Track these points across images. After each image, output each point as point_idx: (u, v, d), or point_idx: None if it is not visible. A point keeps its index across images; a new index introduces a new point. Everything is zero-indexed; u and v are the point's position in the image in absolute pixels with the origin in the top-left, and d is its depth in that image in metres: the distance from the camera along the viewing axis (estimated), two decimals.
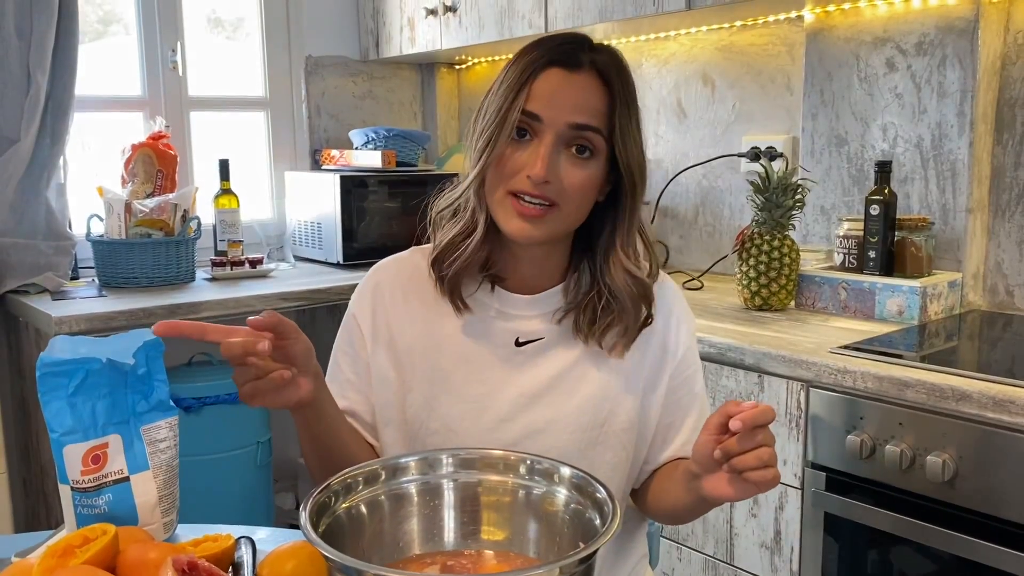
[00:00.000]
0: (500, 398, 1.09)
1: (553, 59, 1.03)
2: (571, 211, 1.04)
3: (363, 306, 1.15)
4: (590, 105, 1.02)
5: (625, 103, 1.04)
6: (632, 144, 1.04)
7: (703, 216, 2.49)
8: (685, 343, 1.13)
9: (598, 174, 1.04)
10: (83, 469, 0.98)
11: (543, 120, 1.01)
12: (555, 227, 1.04)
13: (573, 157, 1.02)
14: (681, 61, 2.49)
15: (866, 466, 1.49)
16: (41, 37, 2.22)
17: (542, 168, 1.00)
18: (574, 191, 1.02)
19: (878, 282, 1.83)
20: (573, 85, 1.02)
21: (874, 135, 2.01)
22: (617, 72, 1.04)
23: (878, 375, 1.45)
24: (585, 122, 1.01)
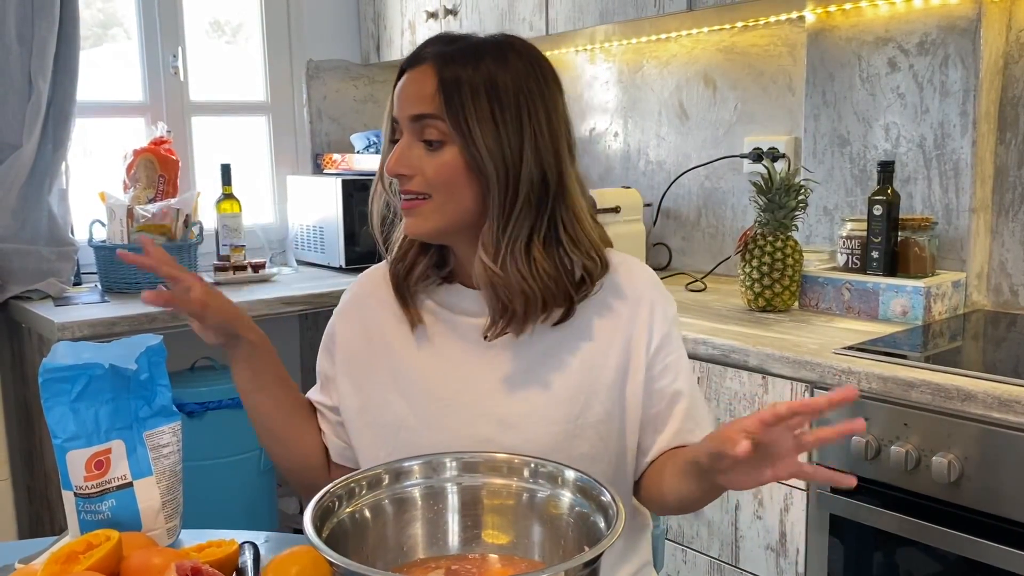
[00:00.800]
0: (473, 394, 1.10)
1: (404, 64, 1.08)
2: (444, 200, 1.05)
3: (340, 317, 1.22)
4: (425, 93, 1.04)
5: (466, 83, 1.02)
6: (480, 126, 1.02)
7: (705, 217, 2.48)
8: (661, 329, 1.11)
9: (455, 160, 1.04)
10: (86, 475, 0.98)
11: (398, 120, 1.07)
12: (436, 218, 1.06)
13: (426, 146, 1.04)
14: (682, 62, 2.49)
15: (871, 467, 1.48)
16: (42, 43, 2.22)
17: (392, 163, 1.05)
18: (436, 179, 1.04)
19: (881, 282, 1.82)
20: (410, 80, 1.06)
21: (876, 135, 2.00)
22: (462, 55, 1.04)
23: (882, 376, 1.45)
24: (419, 111, 1.03)
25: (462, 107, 1.02)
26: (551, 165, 1.06)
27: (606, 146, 2.73)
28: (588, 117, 2.77)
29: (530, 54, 1.09)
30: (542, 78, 1.08)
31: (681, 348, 1.14)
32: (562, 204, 1.07)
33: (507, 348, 1.10)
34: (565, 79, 3.01)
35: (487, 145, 1.03)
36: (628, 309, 1.11)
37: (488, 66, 1.04)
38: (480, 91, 1.03)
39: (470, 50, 1.05)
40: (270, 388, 1.17)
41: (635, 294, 1.12)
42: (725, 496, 1.73)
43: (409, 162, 1.04)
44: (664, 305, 1.13)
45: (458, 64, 1.04)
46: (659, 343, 1.11)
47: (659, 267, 2.58)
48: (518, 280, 1.04)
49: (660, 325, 1.11)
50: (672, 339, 1.12)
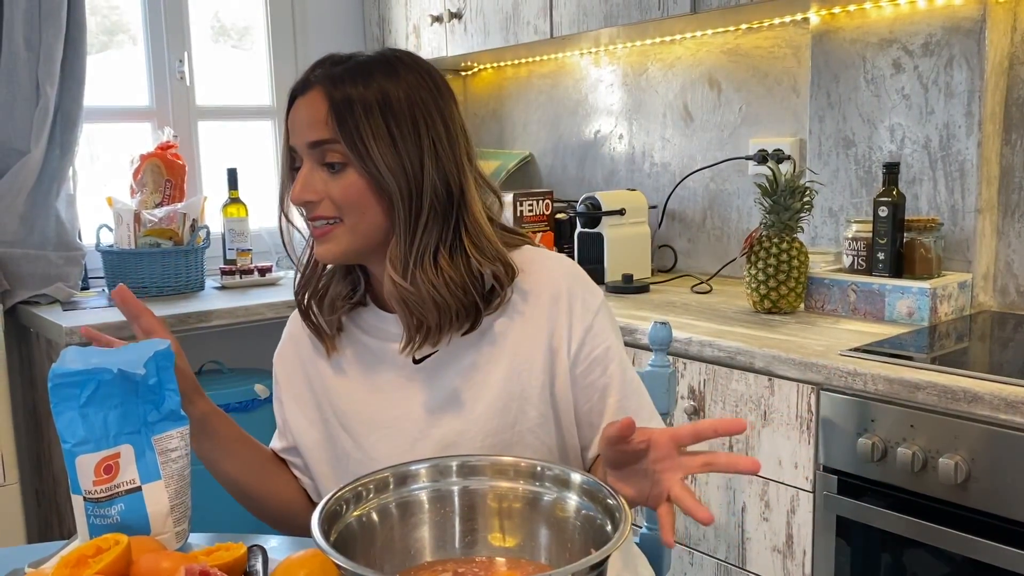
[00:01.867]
0: (412, 418, 1.11)
1: (293, 90, 1.07)
2: (356, 222, 1.05)
3: (280, 358, 1.23)
4: (317, 119, 1.03)
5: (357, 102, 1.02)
6: (377, 146, 1.02)
7: (711, 219, 2.49)
8: (583, 322, 1.09)
9: (357, 179, 1.03)
10: (95, 479, 0.98)
11: (296, 149, 1.06)
12: (347, 241, 1.05)
13: (329, 170, 1.04)
14: (687, 65, 2.49)
15: (878, 469, 1.48)
16: (49, 49, 2.24)
17: (297, 190, 1.05)
18: (344, 201, 1.04)
19: (887, 284, 1.82)
20: (302, 107, 1.05)
21: (881, 136, 2.00)
22: (350, 75, 1.04)
23: (889, 377, 1.45)
24: (316, 138, 1.03)
25: (356, 128, 1.02)
26: (453, 174, 1.06)
27: (611, 148, 2.73)
28: (593, 120, 2.78)
29: (420, 66, 1.08)
30: (434, 88, 1.07)
31: (610, 338, 1.11)
32: (465, 212, 1.07)
33: (435, 368, 1.10)
34: (569, 82, 3.02)
35: (386, 162, 1.02)
36: (546, 308, 1.09)
37: (378, 82, 1.04)
38: (373, 108, 1.02)
39: (358, 69, 1.05)
40: (234, 451, 1.17)
41: (551, 291, 1.10)
42: (731, 498, 1.73)
43: (314, 188, 1.04)
44: (584, 296, 1.10)
45: (347, 84, 1.03)
46: (581, 337, 1.09)
47: (664, 269, 2.58)
48: (429, 292, 1.04)
49: (581, 319, 1.09)
50: (596, 331, 1.10)
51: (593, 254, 2.38)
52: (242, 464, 1.18)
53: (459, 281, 1.05)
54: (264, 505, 1.20)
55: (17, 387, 2.37)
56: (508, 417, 1.08)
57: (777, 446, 1.64)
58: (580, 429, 1.11)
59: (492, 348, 1.09)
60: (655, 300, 2.15)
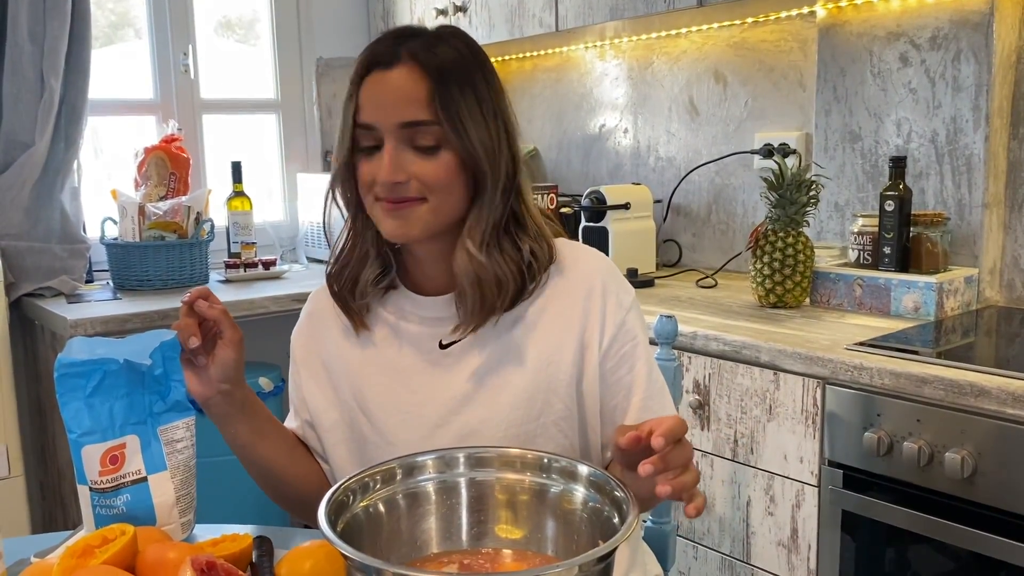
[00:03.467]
0: (432, 404, 1.09)
1: (371, 61, 1.02)
2: (439, 202, 1.02)
3: (298, 339, 1.20)
4: (414, 97, 0.99)
5: (455, 84, 1.00)
6: (472, 125, 1.01)
7: (716, 214, 2.48)
8: (615, 319, 1.08)
9: (452, 160, 1.01)
10: (101, 470, 0.98)
11: (376, 127, 1.01)
12: (427, 221, 1.03)
13: (419, 151, 1.01)
14: (693, 58, 2.49)
15: (883, 463, 1.48)
16: (54, 42, 2.23)
17: (387, 173, 1.00)
18: (435, 183, 1.01)
19: (893, 278, 1.82)
20: (391, 83, 1.00)
21: (888, 130, 1.99)
22: (441, 54, 1.01)
23: (895, 372, 1.44)
24: (412, 118, 0.99)
25: (457, 111, 1.00)
26: (516, 152, 1.07)
27: (616, 142, 2.73)
28: (598, 114, 2.77)
29: (473, 42, 1.08)
30: (491, 66, 1.08)
31: (639, 336, 1.10)
32: (522, 190, 1.08)
33: (461, 354, 1.09)
34: (574, 76, 3.01)
35: (481, 143, 1.02)
36: (580, 301, 1.09)
37: (461, 60, 1.02)
38: (466, 89, 1.01)
39: (445, 45, 1.03)
40: (269, 432, 1.15)
41: (586, 285, 1.09)
42: (736, 492, 1.72)
43: (404, 168, 1.01)
44: (617, 293, 1.10)
45: (444, 62, 1.01)
46: (613, 333, 1.08)
47: (669, 264, 2.57)
48: (496, 269, 1.04)
49: (613, 315, 1.09)
50: (627, 328, 1.09)
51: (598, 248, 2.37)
52: (276, 446, 1.15)
53: (516, 260, 1.05)
54: (293, 490, 1.17)
55: (22, 380, 2.37)
56: (533, 409, 1.06)
57: (782, 440, 1.63)
58: (603, 426, 1.10)
59: (522, 337, 1.08)
60: (660, 294, 2.15)
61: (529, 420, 1.07)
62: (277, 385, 2.39)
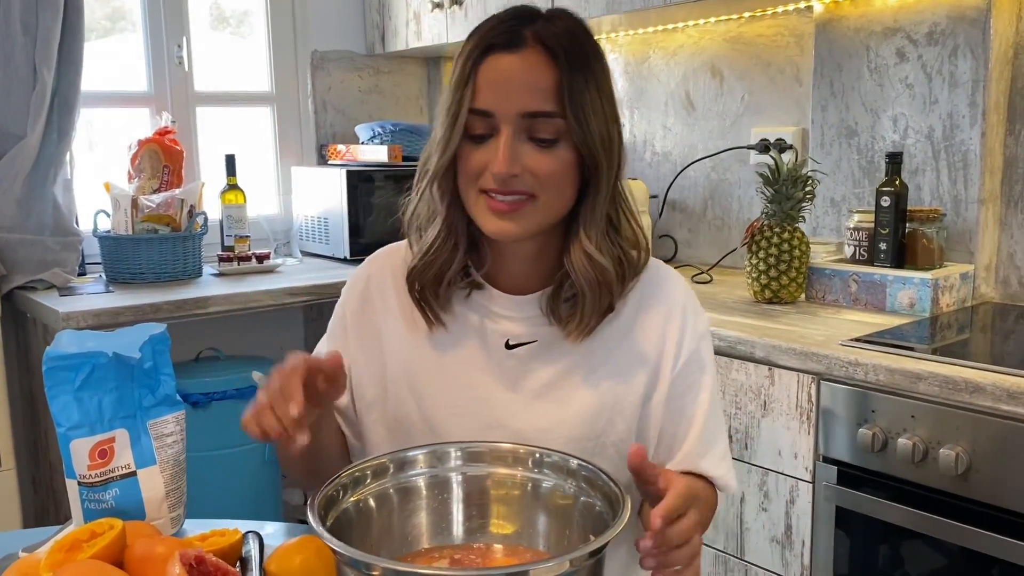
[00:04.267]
0: (490, 403, 1.04)
1: (492, 42, 0.95)
2: (550, 200, 0.97)
3: (351, 300, 1.12)
4: (540, 86, 0.93)
5: (580, 73, 0.94)
6: (593, 118, 0.95)
7: (712, 209, 2.47)
8: (690, 346, 1.05)
9: (569, 155, 0.96)
10: (90, 464, 0.97)
11: (495, 115, 0.94)
12: (535, 219, 0.98)
13: (538, 144, 0.95)
14: (689, 53, 2.48)
15: (878, 459, 1.47)
16: (47, 33, 2.22)
17: (503, 164, 0.93)
18: (548, 179, 0.95)
19: (889, 274, 1.81)
20: (517, 68, 0.94)
21: (884, 126, 1.99)
22: (567, 41, 0.95)
23: (890, 368, 1.44)
24: (538, 108, 0.93)
25: (582, 105, 0.94)
26: (625, 148, 1.01)
27: None
28: None
29: (588, 26, 1.00)
30: (601, 49, 1.00)
31: (708, 365, 1.07)
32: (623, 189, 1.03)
33: (528, 358, 1.04)
34: None
35: (601, 138, 0.96)
36: (660, 322, 1.05)
37: (584, 47, 0.95)
38: (589, 78, 0.95)
39: (569, 28, 0.96)
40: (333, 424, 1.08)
41: (667, 306, 1.06)
42: None
43: (519, 160, 0.94)
44: (695, 319, 1.07)
45: (571, 50, 0.94)
46: (686, 359, 1.04)
47: (665, 259, 2.56)
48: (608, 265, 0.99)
49: (690, 341, 1.05)
50: (700, 356, 1.06)
51: None
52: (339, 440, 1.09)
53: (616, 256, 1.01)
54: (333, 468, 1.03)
55: (14, 373, 2.36)
56: (597, 426, 1.02)
57: (777, 436, 1.63)
58: (656, 453, 1.05)
59: (596, 350, 1.03)
60: None
61: (590, 437, 1.02)
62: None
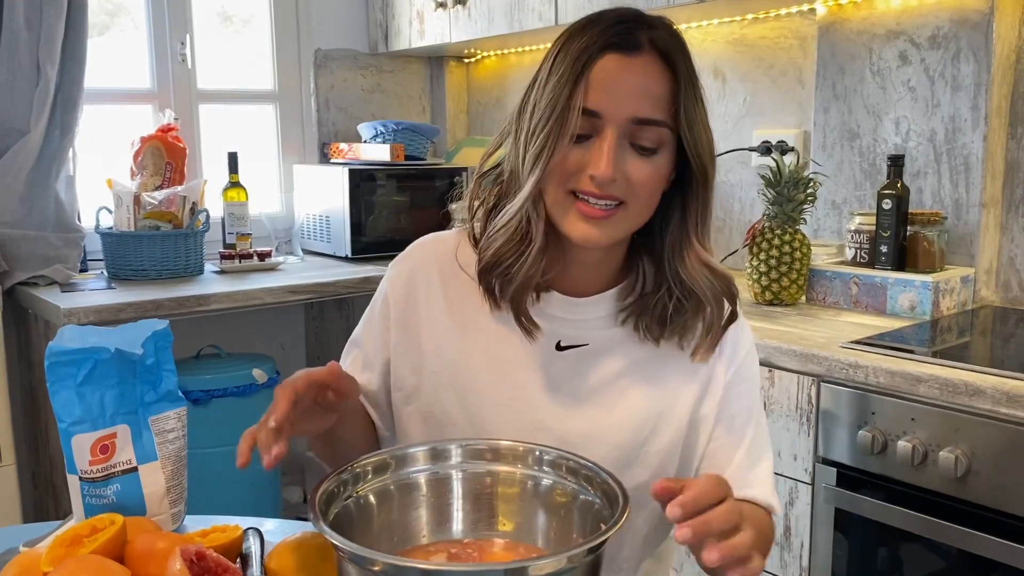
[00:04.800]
0: (534, 404, 1.02)
1: (609, 42, 0.91)
2: (640, 208, 0.95)
3: (396, 289, 1.08)
4: (653, 94, 0.91)
5: (690, 84, 0.92)
6: (700, 128, 0.93)
7: (713, 210, 2.47)
8: (740, 356, 1.03)
9: (666, 166, 0.94)
10: (91, 459, 0.97)
11: (603, 116, 0.91)
12: (623, 228, 0.96)
13: (639, 151, 0.92)
14: (692, 54, 2.47)
15: (877, 462, 1.47)
16: (50, 29, 2.22)
17: (608, 167, 0.90)
18: (642, 188, 0.93)
19: (890, 277, 1.81)
20: (633, 72, 0.91)
21: (886, 129, 1.99)
22: (680, 50, 0.93)
23: (890, 370, 1.44)
24: (649, 116, 0.91)
25: (689, 113, 0.92)
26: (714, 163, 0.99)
27: None
28: None
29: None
30: None
31: (756, 378, 1.06)
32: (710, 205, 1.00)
33: (578, 361, 1.02)
34: None
35: (708, 149, 0.94)
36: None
37: (690, 57, 0.94)
38: (698, 93, 0.93)
39: (680, 38, 0.94)
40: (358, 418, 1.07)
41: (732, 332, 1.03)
42: None
43: (620, 166, 0.91)
44: (743, 331, 1.05)
45: (684, 60, 0.92)
46: (737, 372, 1.03)
47: None
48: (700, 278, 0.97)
49: (740, 351, 1.04)
50: (748, 366, 1.04)
51: None
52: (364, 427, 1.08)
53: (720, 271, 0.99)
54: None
55: (15, 368, 2.36)
56: (640, 435, 1.01)
57: (776, 437, 1.63)
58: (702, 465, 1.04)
59: (648, 359, 1.02)
60: None
61: (633, 446, 1.01)
62: (271, 377, 2.38)
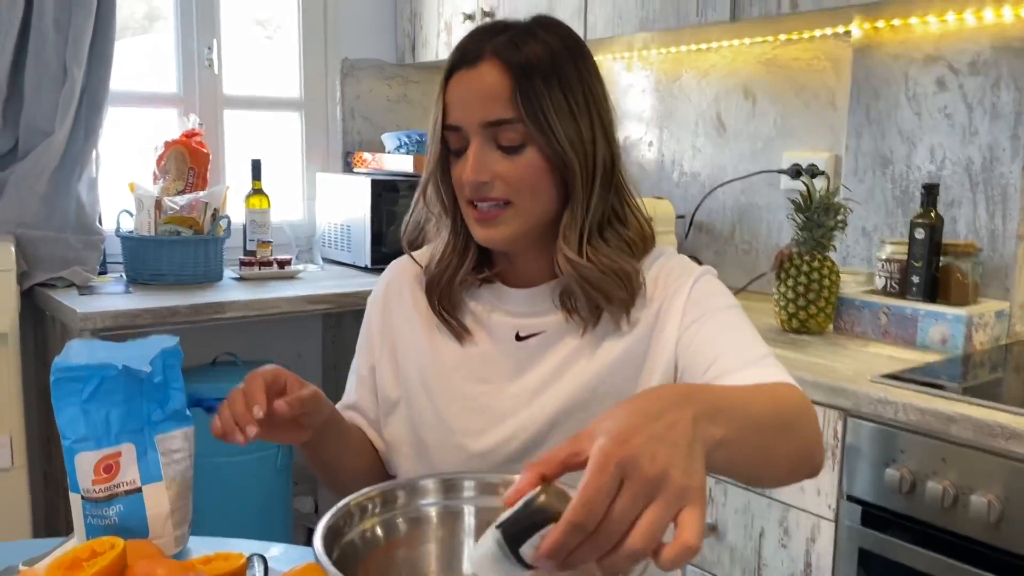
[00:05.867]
0: (501, 395, 1.06)
1: (456, 61, 1.00)
2: (527, 204, 1.00)
3: (374, 307, 1.19)
4: (495, 95, 0.97)
5: (539, 77, 0.97)
6: (559, 119, 0.97)
7: (740, 233, 2.43)
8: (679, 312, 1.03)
9: (537, 159, 0.98)
10: (94, 478, 0.95)
11: (462, 128, 0.99)
12: (515, 225, 1.01)
13: (504, 151, 0.98)
14: (722, 74, 2.44)
15: (905, 502, 1.42)
16: (79, 32, 2.22)
17: (470, 172, 0.98)
18: (519, 183, 0.99)
19: (921, 308, 1.76)
20: (475, 81, 0.98)
21: (921, 156, 1.94)
22: (518, 48, 0.97)
23: (921, 408, 1.39)
24: (495, 118, 0.97)
25: (541, 107, 0.96)
26: (614, 142, 1.04)
27: (640, 155, 2.68)
28: (622, 126, 2.73)
29: (568, 32, 1.05)
30: (587, 54, 1.04)
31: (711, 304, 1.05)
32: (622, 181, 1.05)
33: (540, 348, 1.06)
34: None
35: (568, 139, 0.98)
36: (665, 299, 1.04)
37: (550, 53, 0.98)
38: (552, 82, 0.97)
39: (527, 40, 0.99)
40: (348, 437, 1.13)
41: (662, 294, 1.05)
42: (749, 521, 1.67)
43: (488, 168, 0.98)
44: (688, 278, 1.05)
45: (525, 58, 0.97)
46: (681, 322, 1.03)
47: None
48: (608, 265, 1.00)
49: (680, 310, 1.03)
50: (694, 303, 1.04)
51: None
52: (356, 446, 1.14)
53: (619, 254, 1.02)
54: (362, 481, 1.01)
55: (31, 369, 2.35)
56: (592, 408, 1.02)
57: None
58: None
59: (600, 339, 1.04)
60: None
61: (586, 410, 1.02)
62: None
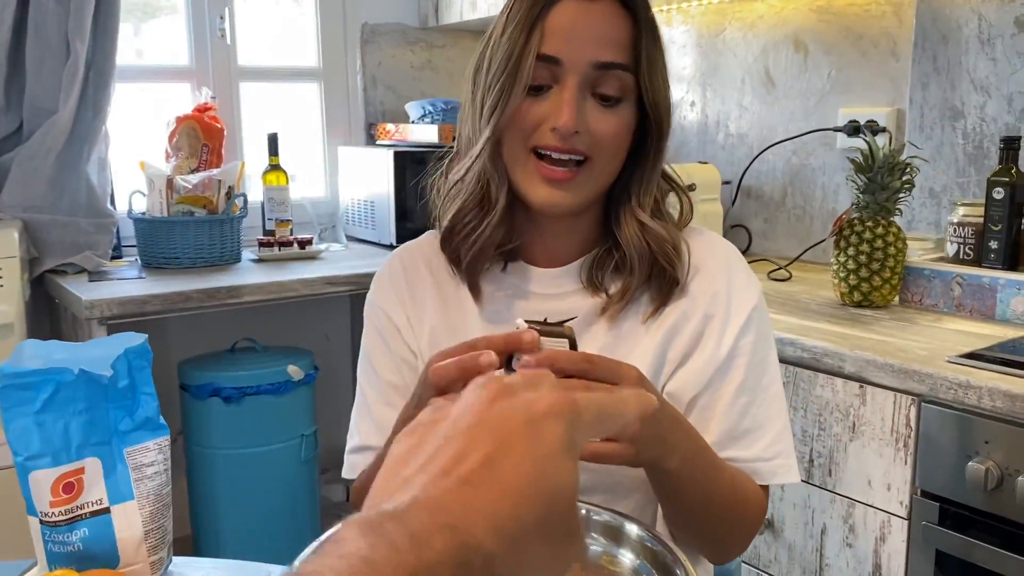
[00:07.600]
0: None
1: None
2: (604, 165, 0.90)
3: (386, 294, 1.03)
4: (614, 38, 0.88)
5: (651, 30, 0.90)
6: (660, 79, 0.91)
7: (792, 197, 2.24)
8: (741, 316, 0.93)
9: (630, 117, 0.90)
10: (52, 500, 0.82)
11: (563, 63, 0.87)
12: (588, 188, 0.91)
13: (602, 102, 0.88)
14: (770, 25, 2.24)
15: (990, 499, 1.25)
16: (80, 3, 2.09)
17: (570, 117, 0.86)
18: (607, 141, 0.89)
19: (1000, 277, 1.57)
20: (592, 16, 0.87)
21: (998, 107, 1.74)
22: None
23: (1009, 392, 1.22)
24: (611, 59, 0.87)
25: (651, 60, 0.89)
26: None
27: (682, 117, 2.50)
28: None
29: None
30: None
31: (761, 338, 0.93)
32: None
33: None
34: None
35: (664, 97, 0.92)
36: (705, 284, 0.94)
37: (650, 9, 0.91)
38: (658, 40, 0.91)
39: None
40: None
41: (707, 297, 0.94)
42: (810, 517, 1.51)
43: (583, 118, 0.87)
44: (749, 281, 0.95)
45: (642, 6, 0.89)
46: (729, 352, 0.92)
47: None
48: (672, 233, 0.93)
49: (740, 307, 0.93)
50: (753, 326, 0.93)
51: None
52: None
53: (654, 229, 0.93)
54: None
55: None
56: None
57: (866, 463, 1.42)
58: None
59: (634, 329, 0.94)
60: None
61: None
62: (308, 373, 2.24)
